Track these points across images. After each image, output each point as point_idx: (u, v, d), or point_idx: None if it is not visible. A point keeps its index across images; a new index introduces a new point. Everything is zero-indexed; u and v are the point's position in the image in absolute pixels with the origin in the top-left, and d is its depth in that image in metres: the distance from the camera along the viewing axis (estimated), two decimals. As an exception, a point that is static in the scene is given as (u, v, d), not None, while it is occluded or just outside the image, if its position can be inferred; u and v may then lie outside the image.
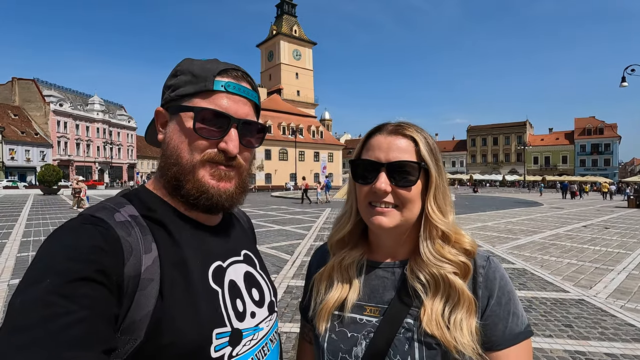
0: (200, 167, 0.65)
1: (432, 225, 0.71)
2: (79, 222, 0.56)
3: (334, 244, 0.81)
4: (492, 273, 0.72)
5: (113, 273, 0.52)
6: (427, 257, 0.70)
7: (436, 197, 0.71)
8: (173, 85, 0.68)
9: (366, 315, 0.74)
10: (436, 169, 0.71)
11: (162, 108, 0.70)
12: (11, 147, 52.37)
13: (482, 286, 0.71)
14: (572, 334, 3.71)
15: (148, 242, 0.59)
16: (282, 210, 17.49)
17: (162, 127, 0.70)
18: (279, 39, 72.75)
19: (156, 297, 0.56)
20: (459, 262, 0.70)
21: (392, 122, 0.75)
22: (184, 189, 0.65)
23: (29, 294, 0.47)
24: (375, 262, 0.78)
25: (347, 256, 0.78)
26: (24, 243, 8.47)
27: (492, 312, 0.69)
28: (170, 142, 0.67)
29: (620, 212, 18.65)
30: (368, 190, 0.71)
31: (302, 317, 0.90)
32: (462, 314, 0.67)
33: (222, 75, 0.66)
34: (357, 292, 0.76)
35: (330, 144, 61.76)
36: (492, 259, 0.75)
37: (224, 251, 0.72)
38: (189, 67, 0.67)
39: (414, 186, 0.70)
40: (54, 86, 64.92)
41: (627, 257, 7.45)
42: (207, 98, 0.65)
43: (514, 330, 0.69)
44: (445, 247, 0.71)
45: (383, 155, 0.71)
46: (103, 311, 0.50)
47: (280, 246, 8.28)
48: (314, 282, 0.82)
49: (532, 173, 70.33)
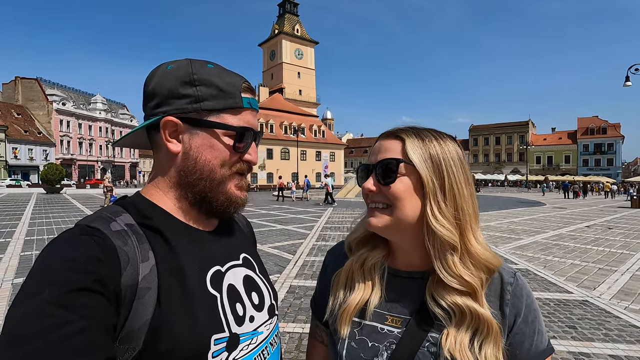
0: (229, 180, 0.69)
1: (435, 237, 0.67)
2: (76, 233, 0.56)
3: (352, 242, 0.80)
4: (520, 290, 0.70)
5: (110, 283, 0.52)
6: (442, 275, 0.67)
7: (437, 203, 0.67)
8: (194, 96, 0.65)
9: (387, 325, 0.72)
10: (430, 167, 0.67)
11: (176, 118, 0.65)
12: (14, 146, 52.59)
13: (510, 304, 0.68)
14: (576, 335, 3.70)
15: (145, 250, 0.59)
16: (284, 210, 17.50)
17: (171, 136, 0.66)
18: (281, 38, 72.67)
19: (154, 305, 0.56)
20: (471, 282, 0.66)
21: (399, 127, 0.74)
22: (216, 201, 0.68)
23: (28, 305, 0.47)
24: (396, 270, 0.76)
25: (368, 257, 0.77)
26: (28, 242, 8.50)
27: (519, 330, 0.68)
28: (198, 157, 0.66)
29: (624, 212, 18.57)
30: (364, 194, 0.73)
31: (315, 317, 0.88)
32: (490, 347, 0.64)
33: (244, 91, 0.69)
34: (380, 296, 0.74)
35: (332, 143, 61.70)
36: (519, 275, 0.73)
37: (223, 255, 0.71)
38: (208, 78, 0.65)
39: (398, 183, 0.67)
40: (57, 85, 65.12)
41: (631, 257, 7.41)
42: (237, 115, 0.68)
43: (539, 347, 0.69)
44: (458, 263, 0.66)
45: (374, 158, 0.73)
46: (102, 321, 0.50)
47: (283, 246, 8.28)
48: (333, 282, 0.80)
49: (535, 173, 70.08)
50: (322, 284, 0.86)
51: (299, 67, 74.69)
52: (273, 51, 75.50)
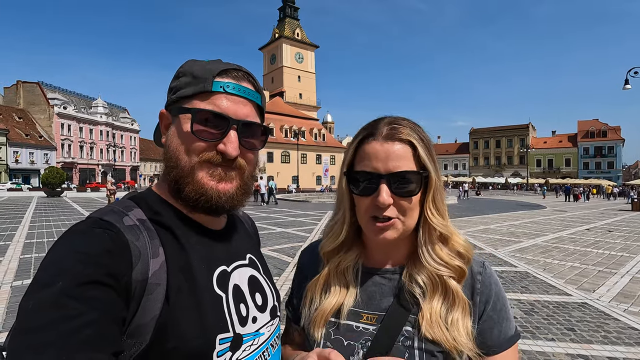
0: (199, 169, 0.64)
1: (432, 228, 0.70)
2: (89, 226, 0.56)
3: (327, 253, 0.78)
4: (488, 279, 0.73)
5: (122, 277, 0.53)
6: (426, 261, 0.70)
7: (435, 199, 0.70)
8: (175, 87, 0.68)
9: (362, 322, 0.72)
10: (435, 171, 0.69)
11: (165, 110, 0.69)
12: (16, 149, 52.71)
13: (480, 292, 0.71)
14: (574, 337, 3.69)
15: (155, 246, 0.60)
16: (284, 213, 17.48)
17: (165, 129, 0.70)
18: (282, 42, 72.99)
19: (162, 301, 0.57)
20: (455, 267, 0.70)
21: (384, 121, 0.71)
22: (183, 191, 0.64)
23: (41, 296, 0.48)
24: (371, 269, 0.77)
25: (342, 260, 0.76)
26: (27, 245, 8.50)
27: (488, 317, 0.70)
28: (170, 145, 0.66)
29: (624, 215, 18.53)
30: (369, 204, 0.68)
31: (289, 317, 0.87)
32: (458, 313, 0.68)
33: (222, 76, 0.65)
34: (354, 297, 0.74)
35: (332, 146, 61.77)
36: (487, 264, 0.76)
37: (229, 255, 0.72)
38: (191, 68, 0.67)
39: (415, 195, 0.68)
40: (58, 89, 65.38)
41: (631, 260, 7.40)
42: (206, 99, 0.64)
43: (508, 334, 0.71)
44: (444, 249, 0.71)
45: (381, 165, 0.66)
46: (112, 314, 0.51)
47: (282, 249, 8.27)
48: (308, 290, 0.79)
49: (535, 176, 70.04)
50: (298, 285, 0.85)
51: (299, 70, 74.94)
52: (274, 55, 75.78)
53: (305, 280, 0.82)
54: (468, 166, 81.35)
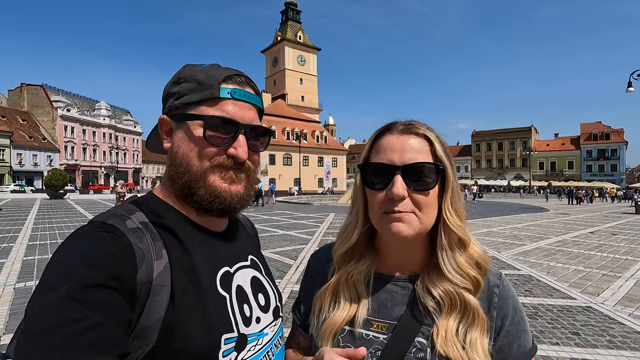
0: (211, 173, 0.66)
1: (451, 232, 0.67)
2: (92, 229, 0.57)
3: (339, 257, 0.75)
4: (506, 293, 0.70)
5: (126, 279, 0.54)
6: (446, 269, 0.66)
7: (452, 200, 0.67)
8: (177, 93, 0.68)
9: (373, 330, 0.70)
10: (451, 169, 0.67)
11: (167, 116, 0.70)
12: (19, 151, 53.02)
13: (497, 306, 0.69)
14: (579, 341, 3.65)
15: (159, 248, 0.60)
16: (286, 215, 17.48)
17: (166, 135, 0.70)
18: (284, 45, 73.26)
19: (167, 303, 0.57)
20: (471, 277, 0.67)
21: (402, 121, 0.70)
22: (197, 195, 0.66)
23: (46, 300, 0.48)
24: (384, 275, 0.74)
25: (354, 270, 0.73)
26: (30, 247, 8.52)
27: (508, 332, 0.68)
28: (179, 151, 0.67)
29: (628, 218, 18.42)
30: (383, 197, 0.66)
31: (296, 321, 0.85)
32: (477, 333, 0.65)
33: (227, 82, 0.67)
34: (367, 308, 0.71)
35: (334, 149, 61.80)
36: (504, 276, 0.73)
37: (232, 257, 0.73)
38: (192, 74, 0.68)
39: (432, 190, 0.65)
40: (61, 92, 65.77)
41: (635, 263, 7.34)
42: (214, 105, 0.66)
43: (526, 347, 0.69)
44: (462, 256, 0.68)
45: (397, 157, 0.65)
46: (118, 316, 0.51)
47: (284, 251, 8.26)
48: (317, 299, 0.76)
49: (538, 178, 69.79)
50: (306, 290, 0.84)
51: (301, 73, 75.13)
52: (276, 58, 76.03)
53: (313, 285, 0.81)
54: (470, 169, 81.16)
